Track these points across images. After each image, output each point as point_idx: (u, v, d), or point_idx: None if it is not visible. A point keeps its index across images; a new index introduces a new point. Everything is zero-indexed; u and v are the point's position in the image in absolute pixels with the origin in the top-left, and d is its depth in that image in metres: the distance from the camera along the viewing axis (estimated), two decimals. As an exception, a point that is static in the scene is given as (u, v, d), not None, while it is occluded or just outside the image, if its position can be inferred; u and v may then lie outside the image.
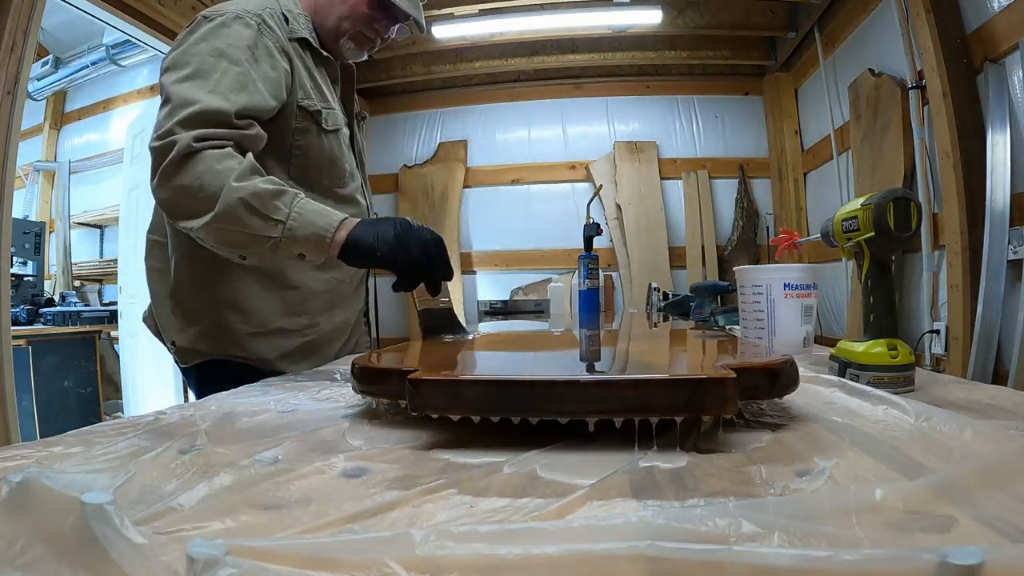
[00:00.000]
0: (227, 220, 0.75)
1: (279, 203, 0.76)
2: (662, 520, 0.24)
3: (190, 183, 0.76)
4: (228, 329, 0.93)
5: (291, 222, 0.75)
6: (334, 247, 0.76)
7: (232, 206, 0.75)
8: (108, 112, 3.99)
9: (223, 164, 0.76)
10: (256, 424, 0.50)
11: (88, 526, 0.24)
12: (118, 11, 2.19)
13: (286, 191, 0.77)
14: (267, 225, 0.75)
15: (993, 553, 0.20)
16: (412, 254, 0.74)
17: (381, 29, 1.00)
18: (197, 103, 0.78)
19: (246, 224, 0.75)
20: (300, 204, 0.76)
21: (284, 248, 0.76)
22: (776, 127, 3.47)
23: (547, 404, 0.41)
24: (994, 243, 1.82)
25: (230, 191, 0.75)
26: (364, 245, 0.75)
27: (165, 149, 0.76)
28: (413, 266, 0.75)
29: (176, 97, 0.79)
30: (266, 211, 0.75)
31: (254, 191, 0.75)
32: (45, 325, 2.95)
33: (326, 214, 0.77)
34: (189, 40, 0.84)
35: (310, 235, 0.75)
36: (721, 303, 1.62)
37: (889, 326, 0.64)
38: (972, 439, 0.40)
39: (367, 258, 0.76)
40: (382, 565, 0.22)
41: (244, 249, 0.78)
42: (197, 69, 0.81)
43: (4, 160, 1.72)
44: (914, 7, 2.06)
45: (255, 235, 0.76)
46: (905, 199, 0.62)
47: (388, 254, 0.75)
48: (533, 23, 3.14)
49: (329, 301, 1.03)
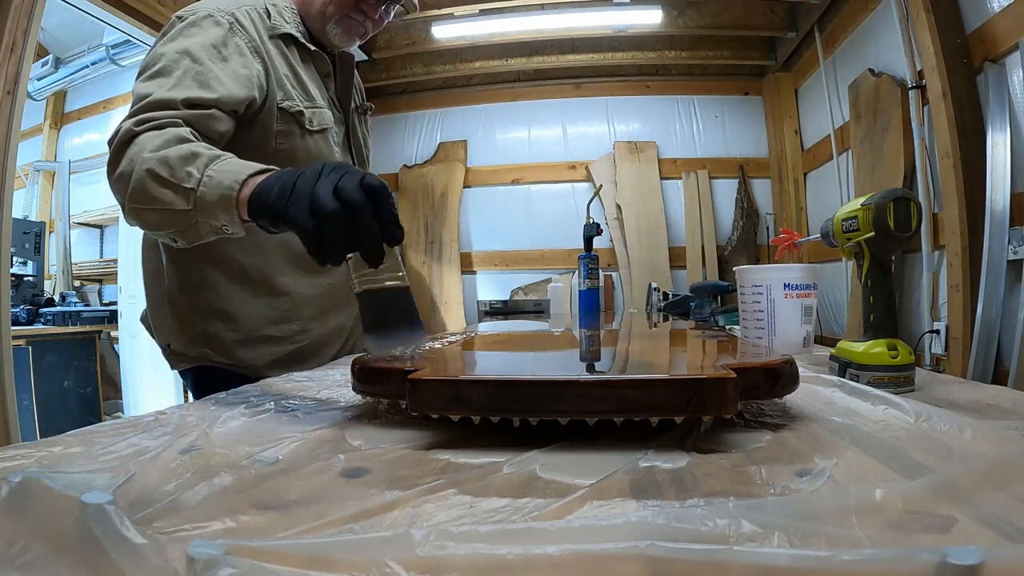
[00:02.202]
0: (139, 198, 0.66)
1: (192, 168, 0.63)
2: (662, 520, 0.24)
3: (123, 169, 0.68)
4: (216, 336, 0.92)
5: (202, 188, 0.62)
6: (242, 207, 0.59)
7: (140, 180, 0.65)
8: (108, 112, 3.99)
9: (152, 141, 0.68)
10: (256, 424, 0.50)
11: (88, 526, 0.24)
12: (118, 11, 2.19)
13: (201, 154, 0.64)
14: (178, 197, 0.63)
15: (993, 553, 0.20)
16: (318, 204, 0.50)
17: (368, 10, 0.93)
18: (149, 96, 0.74)
19: (156, 199, 0.64)
20: (218, 165, 0.63)
21: (202, 224, 0.64)
22: (776, 127, 3.47)
23: (547, 404, 0.41)
24: (994, 243, 1.82)
25: (141, 163, 0.66)
26: (264, 198, 0.57)
27: (111, 141, 0.71)
28: (319, 223, 0.50)
29: (136, 94, 0.76)
30: (176, 179, 0.63)
31: (163, 157, 0.65)
32: (45, 325, 2.95)
33: (237, 171, 0.61)
34: (160, 42, 0.82)
35: (217, 199, 0.61)
36: (721, 303, 1.62)
37: (889, 326, 0.64)
38: (972, 439, 0.40)
39: (271, 216, 0.56)
40: (382, 565, 0.22)
41: (165, 230, 0.67)
42: (160, 68, 0.78)
43: (4, 160, 1.72)
44: (914, 7, 2.06)
45: (169, 211, 0.64)
46: (905, 199, 0.62)
47: (278, 206, 0.54)
48: (533, 23, 3.14)
49: (321, 307, 1.01)
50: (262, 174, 0.59)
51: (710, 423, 0.44)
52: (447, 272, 3.66)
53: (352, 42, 0.96)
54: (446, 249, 3.66)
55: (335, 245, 0.51)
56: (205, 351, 0.93)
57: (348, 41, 0.96)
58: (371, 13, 0.93)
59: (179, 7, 0.89)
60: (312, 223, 0.50)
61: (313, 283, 0.99)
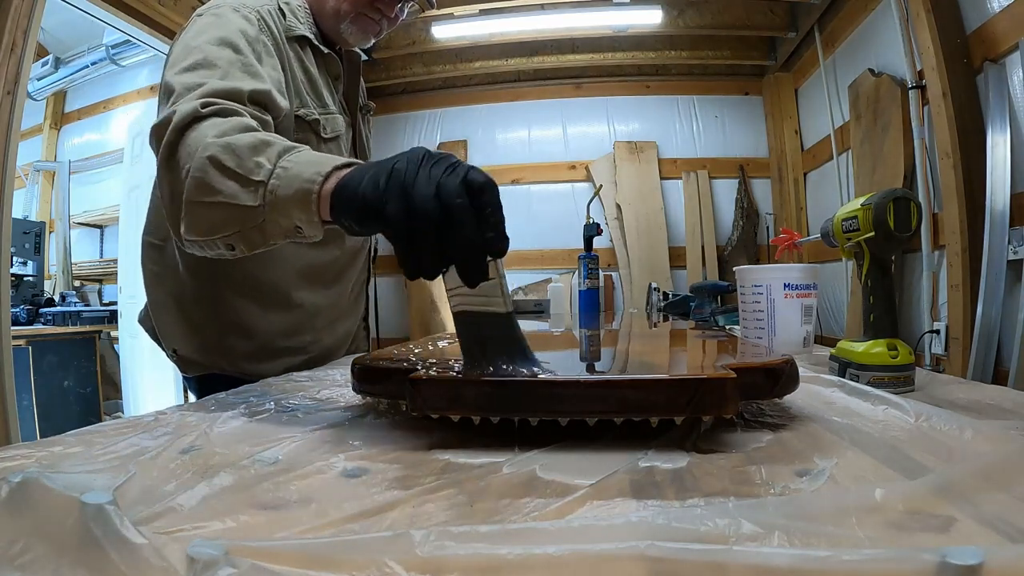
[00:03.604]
0: (199, 190, 0.56)
1: (262, 158, 0.54)
2: (662, 520, 0.24)
3: (181, 155, 0.59)
4: (231, 347, 0.91)
5: (274, 181, 0.53)
6: (323, 204, 0.50)
7: (202, 168, 0.56)
8: (108, 112, 3.99)
9: (215, 127, 0.59)
10: (256, 424, 0.50)
11: (88, 526, 0.24)
12: (118, 11, 2.19)
13: (273, 142, 0.56)
14: (244, 190, 0.54)
15: (993, 553, 0.20)
16: (415, 200, 0.42)
17: (384, 8, 0.89)
18: (204, 84, 0.66)
19: (218, 191, 0.55)
20: (293, 156, 0.54)
21: (271, 223, 0.54)
22: (776, 127, 3.47)
23: (547, 404, 0.41)
24: (994, 243, 1.82)
25: (202, 149, 0.56)
26: (349, 193, 0.48)
27: (162, 127, 0.62)
28: (413, 225, 0.42)
29: (180, 85, 0.68)
30: (244, 170, 0.54)
31: (228, 144, 0.56)
32: (45, 325, 2.95)
33: (319, 161, 0.52)
34: (188, 35, 0.77)
35: (294, 194, 0.52)
36: (721, 303, 1.62)
37: (889, 326, 0.64)
38: (972, 439, 0.40)
39: (354, 214, 0.47)
40: (382, 565, 0.22)
41: (223, 232, 0.56)
42: (201, 60, 0.71)
43: (4, 160, 1.72)
44: (914, 7, 2.06)
45: (231, 207, 0.54)
46: (905, 199, 0.62)
47: (373, 201, 0.45)
48: (533, 23, 3.14)
49: (331, 316, 1.01)
50: (348, 166, 0.51)
51: (710, 423, 0.44)
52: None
53: (367, 41, 0.93)
54: (446, 249, 3.66)
55: (427, 255, 0.43)
56: (216, 360, 0.91)
57: (363, 40, 0.93)
58: (387, 11, 0.90)
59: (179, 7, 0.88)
60: (405, 225, 0.42)
61: (325, 294, 0.98)
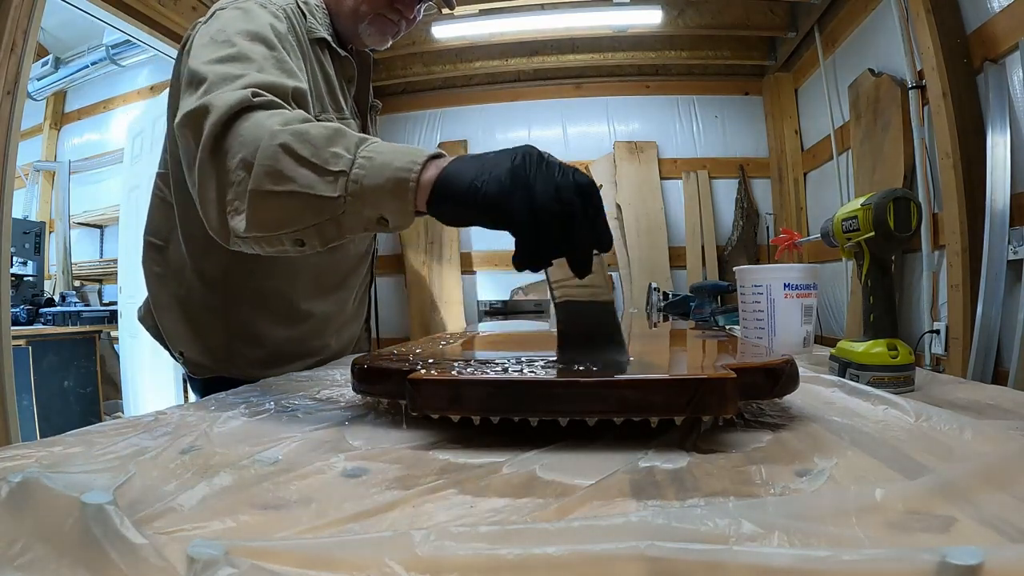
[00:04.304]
0: (269, 178, 0.54)
1: (338, 148, 0.53)
2: (662, 520, 0.24)
3: (232, 145, 0.56)
4: (239, 354, 0.90)
5: (357, 170, 0.52)
6: (422, 193, 0.50)
7: (273, 156, 0.53)
8: (108, 112, 3.99)
9: (274, 116, 0.57)
10: (256, 424, 0.50)
11: (88, 526, 0.24)
12: (118, 11, 2.19)
13: (346, 132, 0.54)
14: (322, 180, 0.52)
15: (993, 553, 0.20)
16: (538, 199, 0.45)
17: (404, 8, 0.88)
18: (244, 76, 0.63)
19: (291, 179, 0.53)
20: (372, 146, 0.53)
21: (352, 214, 0.52)
22: (776, 127, 3.47)
23: (547, 404, 0.41)
24: (994, 243, 1.82)
25: (270, 136, 0.54)
26: (461, 185, 0.48)
27: (198, 116, 0.59)
28: (538, 220, 0.46)
29: (215, 75, 0.63)
30: (319, 160, 0.52)
31: (300, 132, 0.54)
32: (45, 325, 2.95)
33: (406, 151, 0.52)
34: (212, 28, 0.71)
35: (385, 183, 0.51)
36: (721, 303, 1.62)
37: (889, 326, 0.64)
38: (972, 439, 0.40)
39: (466, 206, 0.48)
40: (382, 565, 0.22)
41: (293, 227, 0.54)
42: (235, 53, 0.67)
43: (4, 160, 1.72)
44: (914, 7, 2.06)
45: (306, 197, 0.52)
46: (905, 199, 0.62)
47: (497, 197, 0.47)
48: (533, 23, 3.14)
49: (339, 321, 1.01)
50: (439, 157, 0.52)
51: (710, 423, 0.44)
52: (447, 272, 3.66)
53: (385, 42, 0.92)
54: (446, 249, 3.66)
55: (548, 249, 0.47)
56: (225, 365, 0.91)
57: (381, 41, 0.91)
58: (406, 12, 0.89)
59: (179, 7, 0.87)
60: (531, 220, 0.46)
61: (333, 300, 0.98)
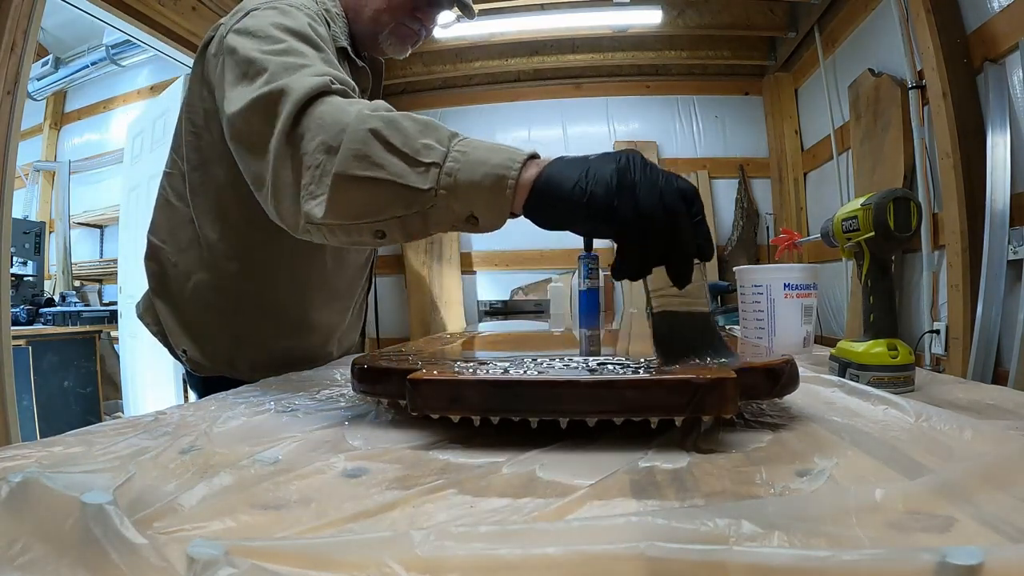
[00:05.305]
0: (357, 162, 0.52)
1: (430, 140, 0.52)
2: (662, 520, 0.24)
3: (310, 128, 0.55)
4: (243, 358, 0.90)
5: (451, 163, 0.51)
6: (520, 193, 0.49)
7: (363, 140, 0.52)
8: (108, 112, 3.99)
9: (357, 104, 0.56)
10: (256, 424, 0.50)
11: (88, 526, 0.24)
12: (118, 11, 2.19)
13: (438, 125, 0.54)
14: (413, 171, 0.51)
15: (993, 553, 0.20)
16: (643, 203, 0.45)
17: (424, 18, 0.87)
18: (310, 66, 0.62)
19: (380, 166, 0.51)
20: (465, 141, 0.53)
21: (441, 209, 0.51)
22: (776, 127, 3.47)
23: (547, 404, 0.41)
24: (994, 243, 1.82)
25: (358, 120, 0.53)
26: (565, 187, 0.47)
27: (269, 100, 0.58)
28: (644, 227, 0.45)
29: (276, 64, 0.62)
30: (410, 149, 0.51)
31: (390, 120, 0.53)
32: (45, 325, 2.95)
33: (501, 149, 0.51)
34: (249, 23, 0.70)
35: (481, 180, 0.50)
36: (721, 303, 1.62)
37: (889, 326, 0.64)
38: (972, 439, 0.40)
39: (569, 209, 0.48)
40: (382, 565, 0.22)
41: (376, 217, 0.53)
42: (286, 47, 0.65)
43: (4, 160, 1.72)
44: (914, 7, 2.06)
45: (395, 185, 0.51)
46: (905, 199, 0.62)
47: (604, 200, 0.46)
48: (533, 23, 3.14)
49: (341, 330, 1.01)
50: (536, 157, 0.51)
51: (710, 423, 0.44)
52: (447, 272, 3.66)
53: (405, 51, 0.91)
54: (446, 249, 3.66)
55: (652, 256, 0.46)
56: (227, 368, 0.90)
57: (401, 51, 0.90)
58: (426, 21, 0.88)
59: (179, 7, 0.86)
60: (638, 227, 0.45)
61: (338, 310, 0.98)
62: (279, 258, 0.87)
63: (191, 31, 2.41)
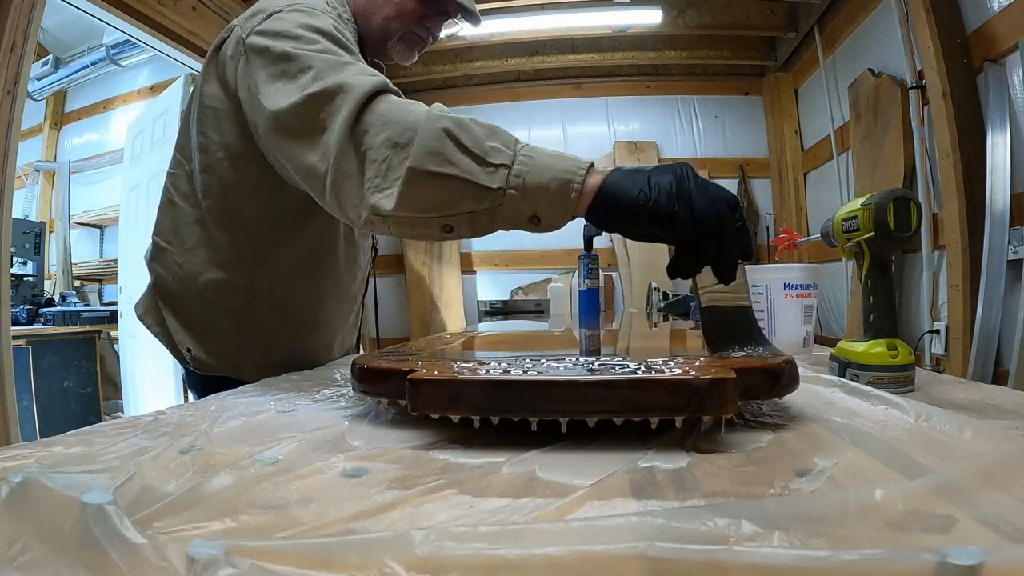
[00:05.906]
0: (431, 158, 0.55)
1: (497, 143, 0.56)
2: (662, 520, 0.24)
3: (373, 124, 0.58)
4: (252, 359, 0.90)
5: (519, 166, 0.55)
6: (585, 197, 0.54)
7: (437, 138, 0.55)
8: (108, 112, 3.99)
9: (418, 105, 0.60)
10: (256, 424, 0.50)
11: (88, 526, 0.24)
12: (118, 11, 2.19)
13: (501, 130, 0.58)
14: (483, 171, 0.55)
15: (993, 553, 0.20)
16: (698, 210, 0.50)
17: (432, 25, 0.88)
18: (353, 64, 0.64)
19: (453, 163, 0.55)
20: (528, 147, 0.57)
21: (509, 207, 0.55)
22: (776, 127, 3.47)
23: (547, 404, 0.41)
24: (994, 243, 1.82)
25: (429, 120, 0.56)
26: (630, 193, 0.52)
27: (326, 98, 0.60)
28: (700, 231, 0.51)
29: (321, 61, 0.64)
30: (480, 151, 0.55)
31: (459, 121, 0.56)
32: (45, 325, 2.95)
33: (563, 156, 0.56)
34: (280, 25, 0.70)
35: (548, 183, 0.54)
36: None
37: (889, 326, 0.64)
38: (972, 439, 0.40)
39: (631, 215, 0.52)
40: (382, 565, 0.22)
41: (446, 212, 0.57)
42: (322, 47, 0.66)
43: (4, 160, 1.72)
44: (914, 7, 2.06)
45: (467, 183, 0.55)
46: (905, 199, 0.62)
47: (667, 207, 0.51)
48: (533, 23, 3.14)
49: (344, 332, 1.02)
50: (592, 165, 0.55)
51: (710, 423, 0.44)
52: (447, 272, 3.66)
53: (412, 58, 0.92)
54: (446, 249, 3.66)
55: (704, 256, 0.52)
56: (233, 368, 0.89)
57: (408, 57, 0.91)
58: (434, 29, 0.89)
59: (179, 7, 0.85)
60: (694, 231, 0.51)
61: (347, 311, 0.98)
62: (295, 258, 0.87)
63: (191, 31, 2.41)
